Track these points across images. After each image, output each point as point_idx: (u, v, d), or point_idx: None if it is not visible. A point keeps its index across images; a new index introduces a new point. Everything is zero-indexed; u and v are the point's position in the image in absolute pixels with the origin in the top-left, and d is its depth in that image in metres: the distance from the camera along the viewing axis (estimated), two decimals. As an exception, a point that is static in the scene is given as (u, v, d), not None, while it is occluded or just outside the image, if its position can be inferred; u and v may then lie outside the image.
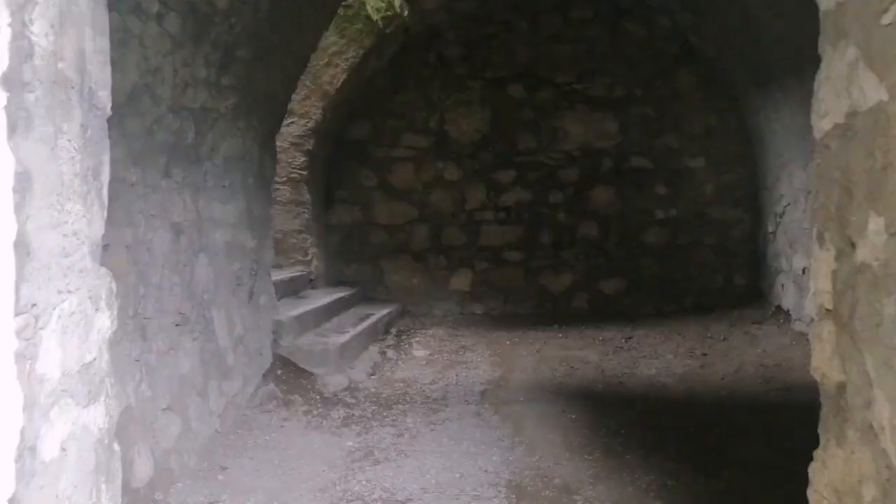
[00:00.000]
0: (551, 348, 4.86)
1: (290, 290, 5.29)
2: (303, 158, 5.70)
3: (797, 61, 4.35)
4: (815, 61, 1.23)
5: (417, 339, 5.38)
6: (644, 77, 5.94)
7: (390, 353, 4.91)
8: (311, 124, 5.67)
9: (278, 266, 5.74)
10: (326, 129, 5.89)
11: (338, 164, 6.36)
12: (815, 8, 1.24)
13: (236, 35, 3.08)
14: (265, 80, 3.67)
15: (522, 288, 6.18)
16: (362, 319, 5.29)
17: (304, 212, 5.76)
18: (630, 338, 5.06)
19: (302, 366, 4.14)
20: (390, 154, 6.31)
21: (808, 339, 4.51)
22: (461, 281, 6.27)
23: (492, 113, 6.20)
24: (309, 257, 5.78)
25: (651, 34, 5.93)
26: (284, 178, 5.72)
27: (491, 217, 6.21)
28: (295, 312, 4.50)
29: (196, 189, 3.11)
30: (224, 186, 3.47)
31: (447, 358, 4.73)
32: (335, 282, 6.33)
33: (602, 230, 6.03)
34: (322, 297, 5.39)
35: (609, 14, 6.02)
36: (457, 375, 4.26)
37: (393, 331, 5.57)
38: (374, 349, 4.91)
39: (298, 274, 5.56)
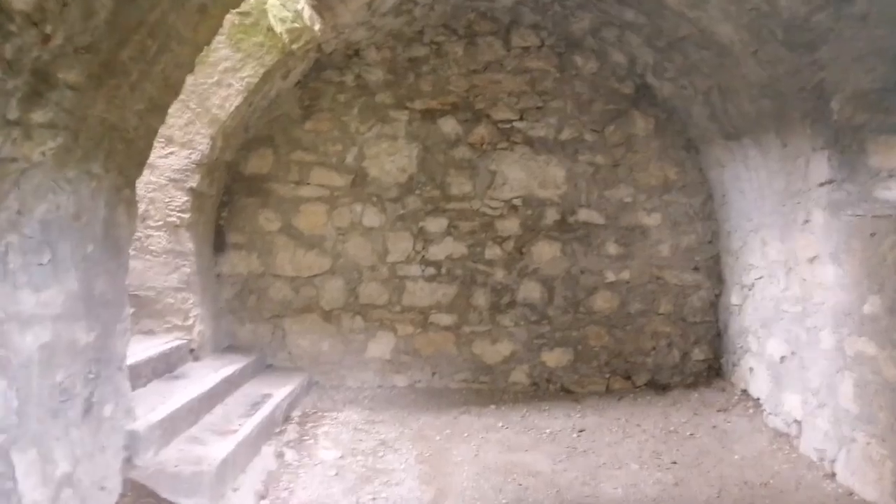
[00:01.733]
0: (492, 448, 4.03)
1: (162, 368, 4.19)
2: (184, 198, 4.62)
3: (780, 114, 3.80)
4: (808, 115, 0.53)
5: (325, 427, 4.40)
6: (595, 119, 5.31)
7: (290, 454, 3.91)
8: (195, 156, 4.61)
9: (149, 333, 4.62)
10: (216, 162, 4.84)
11: (232, 202, 5.30)
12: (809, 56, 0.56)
13: (56, 51, 2.06)
14: (112, 112, 2.65)
15: (453, 357, 5.34)
16: (256, 405, 4.26)
17: (183, 265, 4.67)
18: (582, 431, 4.32)
19: (165, 495, 3.09)
20: (297, 193, 5.34)
21: (789, 442, 3.92)
22: (381, 347, 5.36)
23: (420, 150, 5.37)
24: (190, 321, 4.67)
25: (603, 70, 5.32)
26: (160, 223, 4.61)
27: (418, 272, 5.35)
28: (160, 412, 3.43)
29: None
30: (41, 265, 2.41)
31: (362, 464, 3.79)
32: (225, 347, 5.24)
33: (545, 292, 5.31)
34: (204, 375, 4.31)
35: (557, 44, 5.36)
36: (374, 499, 3.34)
37: (296, 416, 4.56)
38: (268, 451, 3.89)
39: (176, 344, 4.46)
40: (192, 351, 4.67)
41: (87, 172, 2.67)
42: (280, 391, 4.62)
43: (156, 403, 3.59)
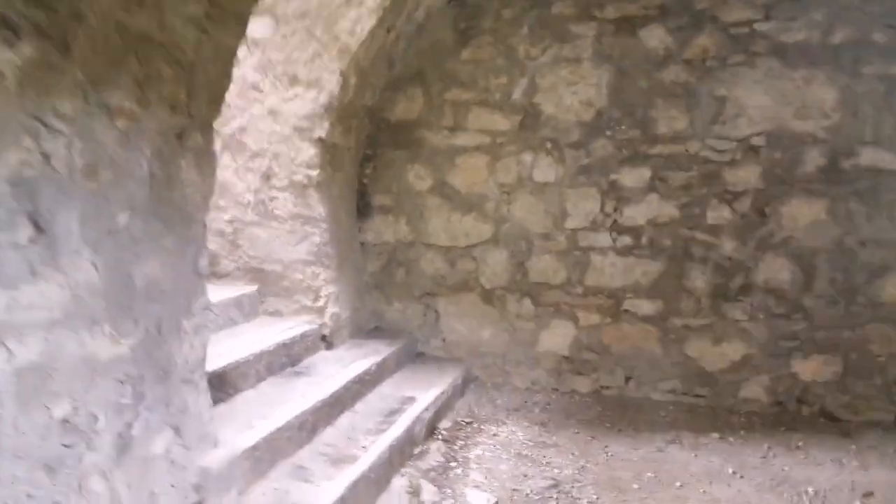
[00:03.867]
0: (721, 515, 2.70)
1: (281, 362, 3.45)
2: (311, 151, 3.79)
3: None
4: None
5: (480, 449, 3.38)
6: (891, 8, 3.49)
7: (428, 492, 2.94)
8: (322, 98, 3.73)
9: (276, 314, 3.92)
10: (350, 105, 3.93)
11: (377, 156, 4.40)
12: None
13: None
14: (137, 13, 1.76)
15: (657, 358, 4.00)
16: (393, 414, 3.36)
17: (313, 232, 3.87)
18: (869, 496, 2.79)
19: (246, 557, 2.28)
20: (452, 142, 4.27)
21: None
22: (556, 339, 4.18)
23: (613, 75, 3.99)
24: (321, 301, 3.89)
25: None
26: (284, 182, 3.84)
27: (607, 242, 4.05)
28: (256, 433, 2.63)
29: None
30: (16, 247, 1.60)
31: (525, 520, 2.70)
32: (370, 330, 4.43)
33: (800, 273, 3.71)
34: (333, 372, 3.50)
35: None
36: None
37: (444, 427, 3.60)
38: (400, 484, 2.96)
39: (302, 330, 3.70)
40: (324, 338, 3.90)
41: (101, 106, 1.81)
42: (426, 394, 3.68)
43: (256, 417, 2.81)
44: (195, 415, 2.34)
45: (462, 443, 3.46)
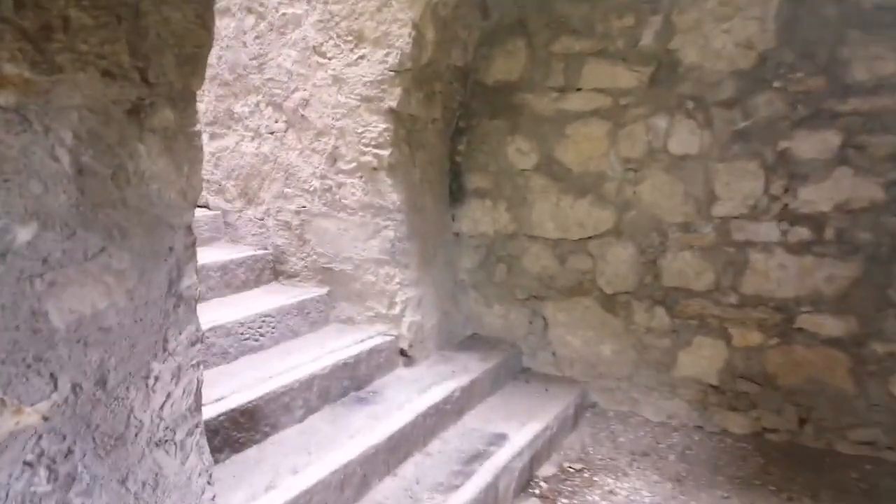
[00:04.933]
0: None
1: (342, 386, 2.86)
2: (381, 126, 3.10)
3: None
4: None
5: (589, 515, 2.56)
6: None
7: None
8: (393, 58, 3.02)
9: (348, 322, 3.33)
10: (433, 66, 3.19)
11: (471, 128, 3.64)
12: None
13: None
14: None
15: (846, 397, 2.91)
16: (475, 460, 2.64)
17: (385, 226, 3.20)
18: None
19: None
20: (562, 106, 3.40)
21: None
22: (701, 362, 3.21)
23: (784, 2, 2.89)
24: (396, 309, 3.24)
25: None
26: (352, 165, 3.20)
27: (773, 236, 2.99)
28: (271, 502, 2.02)
29: None
30: None
31: None
32: (466, 338, 3.73)
33: None
34: (405, 400, 2.85)
35: None
36: None
37: (542, 479, 2.82)
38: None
39: (371, 344, 3.08)
40: (402, 352, 3.25)
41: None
42: (523, 430, 2.91)
43: (287, 470, 2.22)
44: (178, 486, 1.76)
45: (566, 502, 2.65)
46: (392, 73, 3.04)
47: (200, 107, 3.64)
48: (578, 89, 3.35)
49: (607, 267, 3.39)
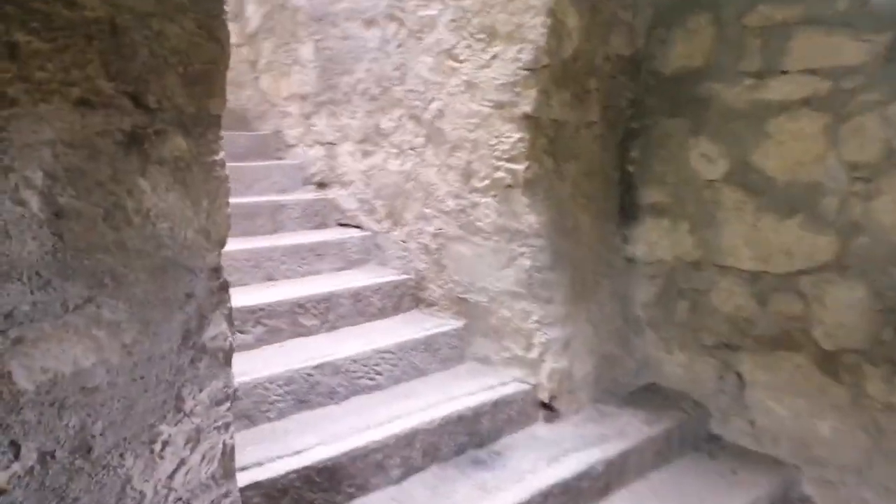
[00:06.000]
0: None
1: (459, 441, 2.52)
2: (515, 135, 2.67)
3: None
4: None
5: None
6: None
7: None
8: (527, 54, 2.57)
9: (484, 361, 2.96)
10: (581, 58, 2.67)
11: (645, 130, 3.03)
12: None
13: None
14: None
15: None
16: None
17: (521, 252, 2.75)
18: None
19: None
20: (760, 96, 2.61)
21: None
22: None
23: None
24: (535, 353, 2.75)
25: None
26: (486, 182, 2.82)
27: None
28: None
29: None
30: None
31: None
32: (634, 390, 3.09)
33: None
34: (530, 469, 2.39)
35: None
36: None
37: None
38: None
39: (502, 394, 2.65)
40: (543, 405, 2.76)
41: None
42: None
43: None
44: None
45: None
46: (525, 72, 2.57)
47: (353, 123, 3.55)
48: (783, 72, 2.53)
49: (826, 314, 2.50)
